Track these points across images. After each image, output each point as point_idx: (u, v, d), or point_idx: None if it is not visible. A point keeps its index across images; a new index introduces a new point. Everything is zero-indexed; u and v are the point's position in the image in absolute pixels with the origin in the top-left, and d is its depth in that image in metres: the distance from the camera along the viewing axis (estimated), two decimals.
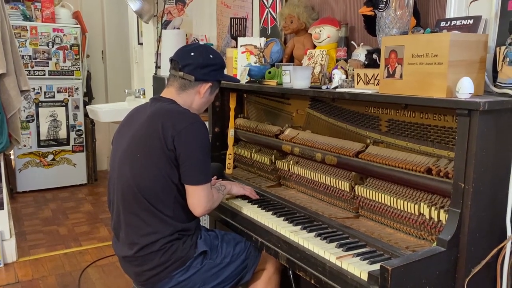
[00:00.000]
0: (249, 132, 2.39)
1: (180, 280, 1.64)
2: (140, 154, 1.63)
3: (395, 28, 1.53)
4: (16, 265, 3.05)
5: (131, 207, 1.64)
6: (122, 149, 1.70)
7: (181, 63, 1.73)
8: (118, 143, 1.76)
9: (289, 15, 2.24)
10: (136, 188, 1.61)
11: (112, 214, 1.77)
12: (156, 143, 1.59)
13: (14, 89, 2.93)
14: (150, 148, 1.61)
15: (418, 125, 1.55)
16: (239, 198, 2.02)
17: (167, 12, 3.16)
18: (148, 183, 1.61)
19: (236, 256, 1.73)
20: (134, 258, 1.65)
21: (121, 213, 1.69)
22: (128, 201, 1.65)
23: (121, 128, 1.81)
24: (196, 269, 1.65)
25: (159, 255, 1.62)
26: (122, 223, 1.69)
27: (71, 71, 4.75)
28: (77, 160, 4.93)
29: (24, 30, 4.44)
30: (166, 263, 1.62)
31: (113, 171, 1.74)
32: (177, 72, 1.74)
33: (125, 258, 1.69)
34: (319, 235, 1.56)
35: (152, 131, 1.62)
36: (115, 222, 1.74)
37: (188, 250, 1.64)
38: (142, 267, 1.65)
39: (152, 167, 1.61)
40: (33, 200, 4.47)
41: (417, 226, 1.48)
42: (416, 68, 1.37)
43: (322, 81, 1.95)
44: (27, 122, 4.60)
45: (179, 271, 1.64)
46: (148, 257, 1.63)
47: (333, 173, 1.84)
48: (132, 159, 1.64)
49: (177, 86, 1.75)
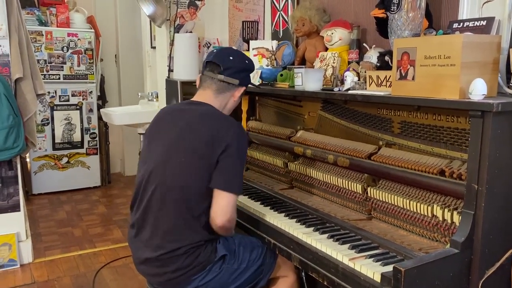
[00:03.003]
0: (261, 134, 2.40)
1: (199, 284, 1.64)
2: (185, 158, 1.62)
3: (407, 30, 1.54)
4: (32, 266, 3.09)
5: (167, 209, 1.62)
6: (162, 149, 1.67)
7: (222, 67, 1.73)
8: (155, 142, 1.73)
9: (300, 18, 2.25)
10: (178, 190, 1.60)
11: (135, 211, 1.73)
12: (203, 149, 1.59)
13: (30, 93, 2.99)
14: (196, 152, 1.60)
15: (431, 126, 1.55)
16: (251, 199, 2.03)
17: (179, 16, 3.19)
18: (191, 187, 1.60)
19: (253, 262, 1.73)
20: (157, 260, 1.64)
21: (150, 212, 1.65)
22: (164, 202, 1.62)
23: (157, 128, 1.77)
24: (215, 273, 1.65)
25: (183, 259, 1.61)
26: (149, 223, 1.66)
27: (85, 75, 4.81)
28: (91, 163, 4.99)
29: (40, 35, 4.52)
30: (188, 266, 1.62)
31: (147, 169, 1.68)
32: (216, 75, 1.73)
33: (147, 259, 1.66)
34: (331, 236, 1.56)
35: (200, 136, 1.62)
36: (139, 219, 1.69)
37: (209, 255, 1.64)
38: (163, 268, 1.64)
39: (196, 172, 1.60)
40: (48, 202, 4.53)
41: (430, 228, 1.47)
42: (429, 70, 1.37)
43: (334, 83, 1.96)
44: (42, 126, 4.67)
45: (199, 275, 1.63)
46: (171, 260, 1.62)
47: (345, 175, 1.84)
48: (176, 161, 1.62)
49: (215, 88, 1.74)
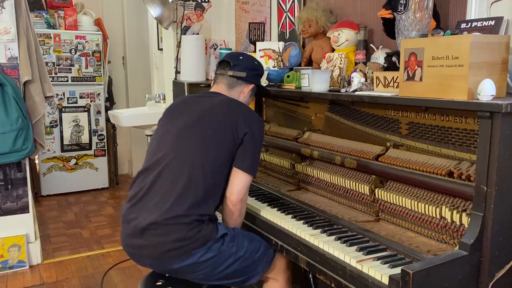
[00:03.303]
0: (268, 135, 2.40)
1: (197, 260, 1.64)
2: (210, 132, 1.74)
3: (414, 30, 1.53)
4: (41, 267, 3.12)
5: (182, 178, 1.66)
6: (184, 124, 1.78)
7: (232, 63, 1.91)
8: (174, 121, 1.83)
9: (307, 19, 2.25)
10: (197, 163, 1.69)
11: (141, 181, 1.75)
12: (228, 127, 1.73)
13: (38, 95, 3.01)
14: (220, 129, 1.73)
15: (439, 127, 1.54)
16: (258, 201, 2.03)
17: (186, 18, 3.20)
18: (210, 161, 1.70)
19: (250, 253, 1.72)
20: (161, 225, 1.62)
21: (162, 180, 1.68)
22: (180, 171, 1.68)
23: (177, 110, 1.90)
24: (213, 253, 1.65)
25: (187, 229, 1.62)
26: (159, 190, 1.68)
27: (93, 77, 4.84)
28: (99, 164, 5.02)
29: (48, 38, 4.56)
30: (191, 238, 1.62)
31: (165, 142, 1.77)
32: (227, 71, 1.92)
33: (149, 226, 1.64)
34: (339, 238, 1.56)
35: (224, 115, 1.77)
36: (147, 188, 1.70)
37: (211, 231, 1.66)
38: (165, 237, 1.62)
39: (218, 147, 1.72)
40: (56, 204, 4.56)
41: (439, 229, 1.46)
42: (436, 70, 1.36)
43: (341, 85, 1.95)
44: (51, 127, 4.70)
45: (199, 251, 1.63)
46: (176, 228, 1.62)
47: (353, 176, 1.83)
48: (198, 135, 1.74)
49: (226, 83, 1.92)
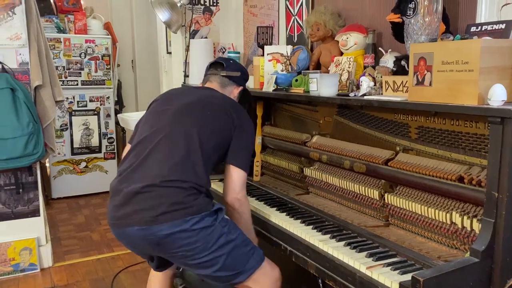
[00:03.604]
0: (277, 139, 2.40)
1: (190, 227, 1.57)
2: (210, 113, 1.78)
3: (423, 34, 1.52)
4: (52, 270, 3.14)
5: (181, 146, 1.67)
6: (182, 104, 1.80)
7: (225, 64, 2.00)
8: (171, 102, 1.86)
9: (315, 23, 2.24)
10: (197, 138, 1.69)
11: (132, 156, 1.72)
12: (225, 115, 1.77)
13: (49, 99, 3.03)
14: (219, 113, 1.78)
15: (449, 132, 1.53)
16: (267, 205, 2.03)
17: (194, 22, 3.21)
18: (209, 139, 1.72)
19: (241, 242, 1.66)
20: (159, 187, 1.59)
21: (155, 151, 1.67)
22: (178, 143, 1.68)
23: (172, 96, 1.97)
24: (206, 224, 1.59)
25: (183, 195, 1.59)
26: (153, 159, 1.66)
27: (103, 80, 4.87)
28: (109, 167, 5.04)
29: (58, 42, 4.59)
30: (187, 203, 1.59)
31: (160, 120, 1.78)
32: (219, 71, 1.99)
33: (145, 187, 1.59)
34: (348, 244, 1.55)
35: (223, 105, 1.82)
36: (141, 158, 1.68)
37: (207, 203, 1.64)
38: (160, 199, 1.58)
39: (217, 129, 1.76)
40: (67, 206, 4.59)
41: (449, 235, 1.45)
42: (446, 75, 1.35)
43: (350, 88, 1.95)
44: (61, 131, 4.74)
45: (193, 218, 1.58)
46: (172, 191, 1.59)
47: (362, 181, 1.82)
48: (200, 113, 1.77)
49: (219, 82, 1.99)
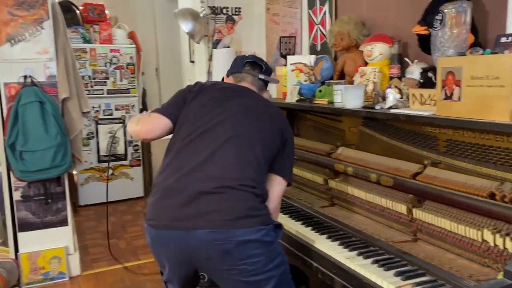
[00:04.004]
0: (300, 150, 2.38)
1: (260, 238, 1.49)
2: (269, 122, 1.70)
3: (451, 47, 1.48)
4: (80, 279, 3.20)
5: (246, 153, 1.60)
6: (242, 107, 1.71)
7: (264, 67, 1.88)
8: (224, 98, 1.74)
9: (339, 33, 2.22)
10: (258, 146, 1.62)
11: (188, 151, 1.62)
12: (277, 126, 1.71)
13: (76, 111, 3.10)
14: (273, 123, 1.71)
15: (479, 146, 1.49)
16: (292, 219, 2.00)
17: (217, 31, 3.23)
18: (265, 148, 1.64)
19: (288, 269, 1.61)
20: (233, 189, 1.51)
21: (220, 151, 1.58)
22: (242, 148, 1.61)
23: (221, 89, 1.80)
24: (271, 238, 1.53)
25: (257, 201, 1.55)
26: (219, 160, 1.57)
27: (128, 89, 4.95)
28: (135, 174, 5.12)
29: (84, 52, 4.69)
30: (260, 211, 1.55)
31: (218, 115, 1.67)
32: (258, 73, 1.85)
33: (218, 188, 1.52)
34: (376, 261, 1.52)
35: (275, 114, 1.75)
36: (203, 158, 1.58)
37: (269, 214, 1.58)
38: (238, 202, 1.51)
39: (271, 139, 1.67)
40: (94, 214, 4.67)
41: (481, 253, 1.41)
42: (476, 90, 1.31)
43: (375, 100, 1.92)
44: (87, 139, 4.83)
45: (264, 228, 1.51)
46: (249, 195, 1.53)
47: (389, 195, 1.79)
48: (260, 121, 1.69)
49: (257, 86, 1.86)
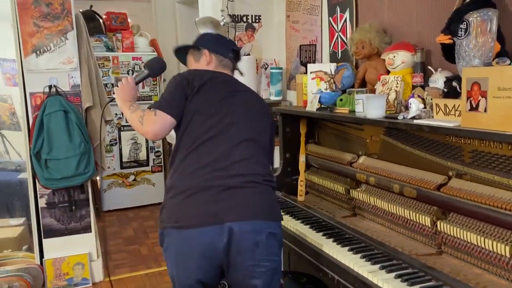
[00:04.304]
0: (321, 158, 2.36)
1: (279, 232, 1.67)
2: (266, 119, 1.81)
3: (477, 56, 1.44)
4: (103, 285, 3.24)
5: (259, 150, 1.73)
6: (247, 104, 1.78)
7: (240, 58, 1.98)
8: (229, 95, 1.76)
9: (360, 41, 2.19)
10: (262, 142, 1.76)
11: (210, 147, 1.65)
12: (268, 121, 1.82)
13: (99, 120, 3.15)
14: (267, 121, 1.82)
15: (506, 157, 1.44)
16: (313, 229, 1.97)
17: (237, 39, 3.23)
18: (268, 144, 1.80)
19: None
20: (259, 183, 1.64)
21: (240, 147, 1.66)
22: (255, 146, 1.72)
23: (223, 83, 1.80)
24: (280, 231, 1.68)
25: (275, 194, 1.77)
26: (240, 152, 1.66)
27: (149, 96, 5.00)
28: (156, 180, 5.17)
29: (107, 60, 4.77)
30: (278, 205, 1.74)
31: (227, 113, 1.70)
32: (235, 63, 1.93)
33: (246, 183, 1.61)
34: (399, 276, 1.49)
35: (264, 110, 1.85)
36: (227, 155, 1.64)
37: None
38: (264, 194, 1.66)
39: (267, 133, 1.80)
40: (116, 219, 4.74)
41: (509, 268, 1.37)
42: (503, 102, 1.27)
43: (398, 109, 1.88)
44: (110, 146, 4.91)
45: (280, 222, 1.69)
46: (270, 190, 1.70)
47: (412, 206, 1.75)
48: (261, 121, 1.79)
49: (233, 72, 1.93)
